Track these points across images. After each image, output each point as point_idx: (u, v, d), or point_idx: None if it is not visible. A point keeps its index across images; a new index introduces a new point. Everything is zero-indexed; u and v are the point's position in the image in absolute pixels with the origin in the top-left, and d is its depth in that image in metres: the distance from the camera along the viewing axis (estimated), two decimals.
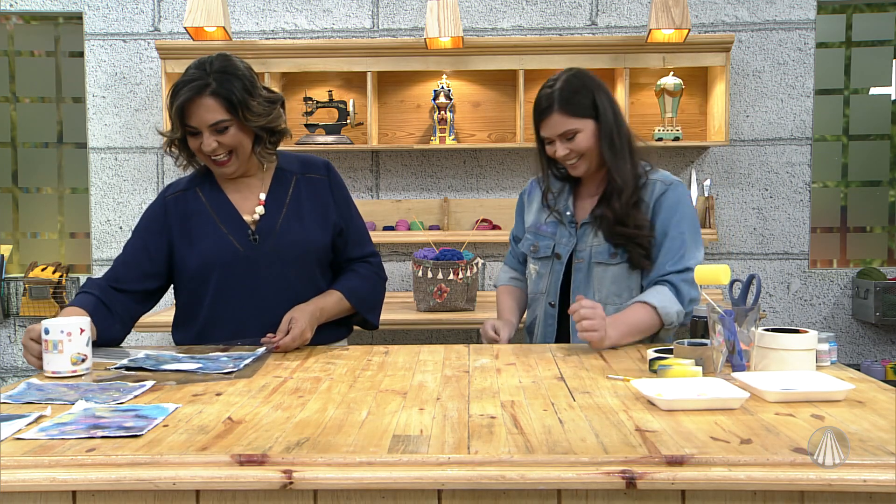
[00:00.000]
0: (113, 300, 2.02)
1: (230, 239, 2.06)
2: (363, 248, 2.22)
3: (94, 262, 4.05)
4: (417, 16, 3.97)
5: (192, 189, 2.13)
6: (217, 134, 1.98)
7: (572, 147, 2.14)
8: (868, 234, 4.18)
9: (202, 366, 1.74)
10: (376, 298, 2.23)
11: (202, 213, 2.09)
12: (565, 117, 2.13)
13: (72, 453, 1.16)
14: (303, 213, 2.11)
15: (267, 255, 2.06)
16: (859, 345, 4.02)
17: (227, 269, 2.05)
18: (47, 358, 1.67)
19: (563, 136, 2.14)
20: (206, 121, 1.96)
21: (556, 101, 2.14)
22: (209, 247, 2.05)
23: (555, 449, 1.16)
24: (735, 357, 1.63)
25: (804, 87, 3.94)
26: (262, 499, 1.14)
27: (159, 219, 2.11)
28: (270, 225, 2.08)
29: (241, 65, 2.03)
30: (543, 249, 2.27)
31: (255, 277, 2.06)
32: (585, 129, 2.14)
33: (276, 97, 2.08)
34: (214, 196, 2.11)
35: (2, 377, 4.08)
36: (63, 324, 1.65)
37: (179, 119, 1.97)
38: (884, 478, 1.09)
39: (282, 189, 2.12)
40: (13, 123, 4.20)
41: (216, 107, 1.96)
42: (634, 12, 3.95)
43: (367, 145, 3.79)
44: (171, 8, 3.99)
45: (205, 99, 1.95)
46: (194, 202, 2.11)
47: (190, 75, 1.97)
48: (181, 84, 1.96)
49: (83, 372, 1.69)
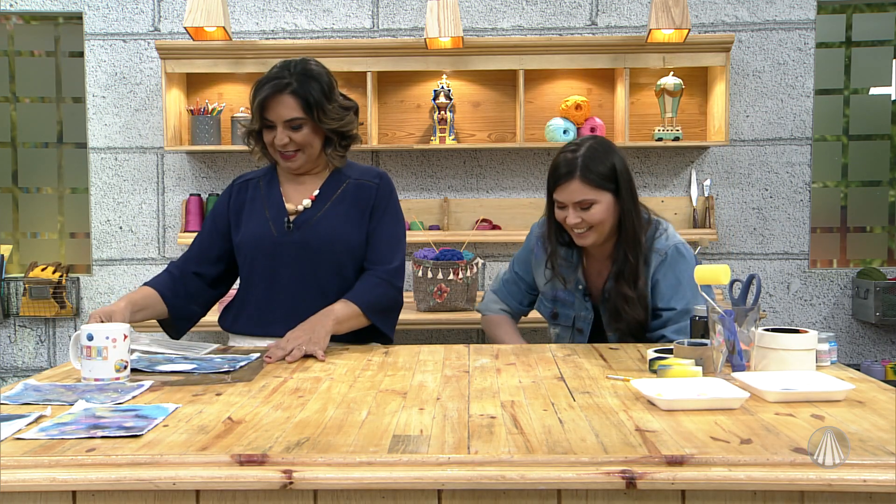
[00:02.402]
0: (188, 281, 2.20)
1: (269, 225, 2.16)
2: (380, 258, 2.17)
3: (94, 262, 4.05)
4: (417, 16, 3.97)
5: (256, 179, 2.27)
6: (291, 130, 2.10)
7: (585, 217, 2.09)
8: (868, 234, 4.18)
9: (197, 366, 1.75)
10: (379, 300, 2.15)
11: (256, 200, 2.22)
12: (585, 186, 2.07)
13: (72, 453, 1.16)
14: (343, 212, 2.19)
15: (296, 244, 2.14)
16: (859, 345, 4.02)
17: (263, 252, 2.15)
18: (90, 364, 1.64)
19: (579, 204, 2.08)
20: (283, 116, 2.08)
21: (578, 169, 2.07)
22: (251, 230, 2.17)
23: (555, 449, 1.16)
24: (735, 357, 1.63)
25: (804, 87, 3.93)
26: (262, 499, 1.14)
27: (224, 203, 2.26)
28: (309, 217, 2.17)
29: (321, 70, 2.15)
30: (564, 318, 2.27)
31: (282, 264, 2.14)
32: (603, 200, 2.09)
33: (351, 104, 2.20)
34: (272, 187, 2.23)
35: (2, 377, 4.08)
36: (108, 330, 1.64)
37: (259, 112, 2.10)
38: (884, 478, 1.09)
39: (333, 189, 2.22)
40: (13, 123, 4.20)
41: (294, 105, 2.08)
42: (634, 12, 3.95)
43: (367, 145, 3.79)
44: (171, 8, 3.99)
45: (284, 96, 2.07)
46: (254, 190, 2.24)
47: (273, 73, 2.11)
48: (265, 80, 2.10)
49: (125, 378, 1.67)
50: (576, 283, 2.21)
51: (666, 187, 3.99)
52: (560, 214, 2.13)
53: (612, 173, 2.09)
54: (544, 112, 3.94)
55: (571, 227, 2.11)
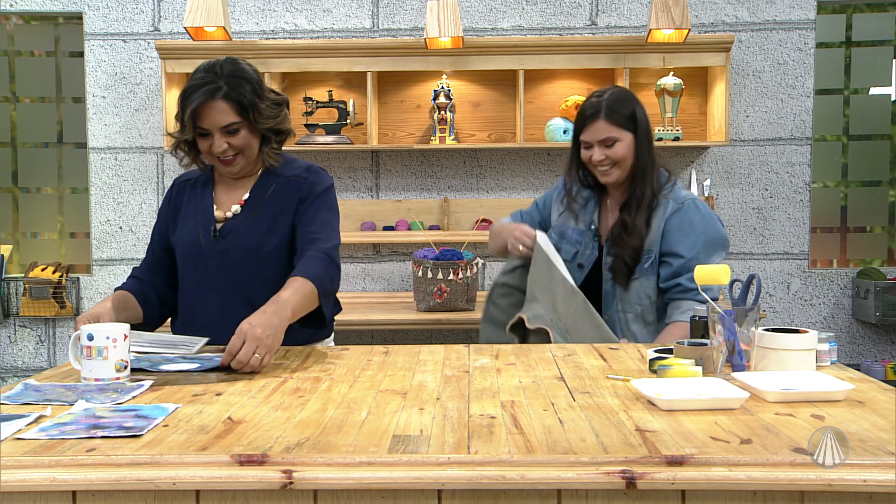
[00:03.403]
0: (154, 285, 2.16)
1: (198, 232, 2.12)
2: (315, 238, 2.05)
3: (94, 262, 4.06)
4: (417, 16, 3.97)
5: (193, 180, 2.22)
6: (228, 136, 2.02)
7: (609, 153, 2.29)
8: (868, 234, 4.18)
9: (200, 365, 1.75)
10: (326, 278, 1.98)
11: (190, 203, 2.18)
12: (610, 125, 2.28)
13: (72, 453, 1.16)
14: (270, 217, 2.10)
15: (220, 253, 2.09)
16: (859, 345, 4.02)
17: (191, 261, 2.12)
18: (90, 364, 1.63)
19: (603, 142, 2.29)
20: (218, 123, 2.00)
21: (602, 109, 2.29)
22: (182, 236, 2.14)
23: (555, 449, 1.16)
24: (735, 357, 1.63)
25: (804, 87, 3.93)
26: (262, 499, 1.14)
27: (165, 205, 2.23)
28: (235, 225, 2.10)
29: (249, 68, 2.08)
30: (565, 252, 2.38)
31: (209, 272, 2.10)
32: (625, 139, 2.29)
33: (282, 99, 2.12)
34: (206, 191, 2.18)
35: (2, 377, 4.08)
36: (108, 330, 1.64)
37: (192, 121, 2.01)
38: (884, 478, 1.09)
39: (263, 191, 2.13)
40: (13, 123, 4.20)
41: (228, 110, 2.00)
42: (634, 12, 3.95)
43: (367, 145, 3.79)
44: (171, 8, 3.99)
45: (217, 102, 1.99)
46: (190, 193, 2.20)
47: (200, 79, 2.00)
48: (192, 88, 1.99)
49: (125, 378, 1.67)
50: (589, 222, 2.38)
51: None
52: (586, 154, 2.33)
53: (633, 116, 2.30)
54: (544, 112, 3.94)
55: (596, 164, 2.31)
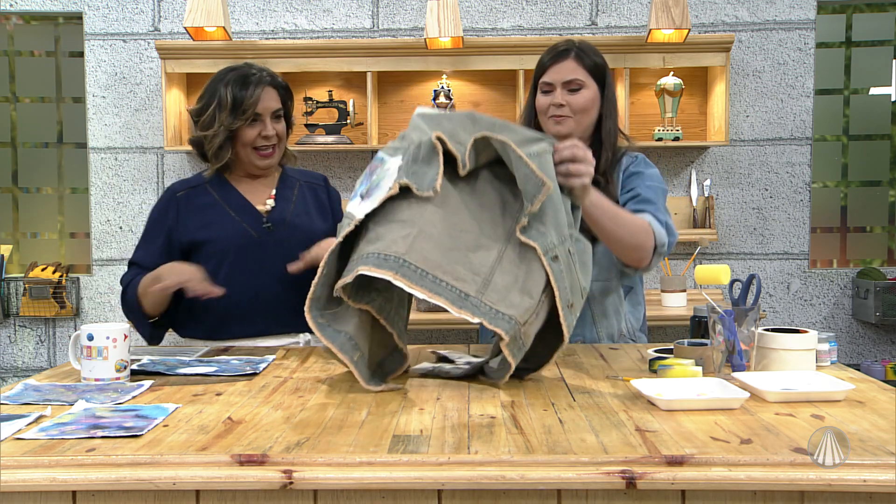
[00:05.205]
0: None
1: (244, 226, 2.16)
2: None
3: (94, 262, 4.05)
4: (417, 16, 3.97)
5: (201, 185, 2.24)
6: (275, 121, 2.17)
7: (571, 100, 2.07)
8: (868, 234, 4.18)
9: (218, 369, 1.75)
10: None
11: (215, 205, 2.19)
12: (579, 66, 2.08)
13: (72, 453, 1.16)
14: (308, 210, 2.24)
15: (280, 243, 2.15)
16: (859, 345, 4.02)
17: (242, 253, 2.14)
18: (90, 364, 1.64)
19: (568, 84, 2.08)
20: (270, 108, 2.15)
21: (574, 50, 2.10)
22: (225, 234, 2.15)
23: (555, 449, 1.16)
24: (735, 357, 1.63)
25: (804, 87, 3.93)
26: (262, 499, 1.14)
27: (171, 214, 2.19)
28: (281, 216, 2.20)
29: None
30: None
31: (266, 263, 2.14)
32: (590, 89, 2.09)
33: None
34: (225, 192, 2.22)
35: (2, 377, 4.08)
36: (108, 330, 1.64)
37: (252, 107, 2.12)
38: (884, 478, 1.09)
39: (288, 190, 2.26)
40: (13, 123, 4.20)
41: (276, 96, 2.17)
42: (634, 12, 3.95)
43: (367, 145, 3.79)
44: (171, 8, 3.99)
45: (269, 88, 2.16)
46: (205, 196, 2.21)
47: (244, 71, 2.16)
48: (244, 77, 2.14)
49: (125, 378, 1.67)
50: None
51: None
52: (544, 100, 2.10)
53: (602, 68, 2.11)
54: None
55: (554, 108, 2.07)
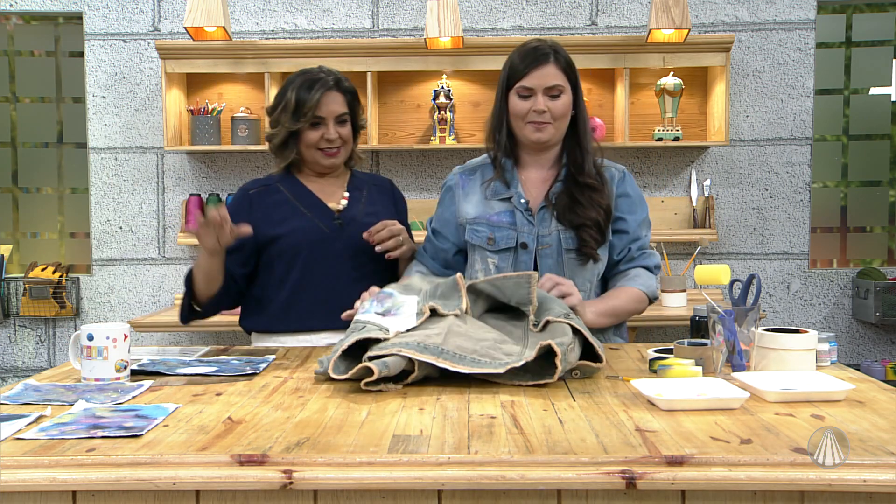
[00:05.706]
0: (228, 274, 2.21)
1: (316, 222, 2.22)
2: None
3: (94, 262, 4.05)
4: (417, 16, 3.97)
5: (273, 184, 2.29)
6: (339, 125, 2.21)
7: (552, 106, 2.02)
8: (868, 234, 4.18)
9: (219, 368, 1.75)
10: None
11: (287, 203, 2.25)
12: (559, 71, 2.03)
13: (72, 453, 1.16)
14: (377, 210, 2.30)
15: (351, 239, 2.19)
16: (859, 345, 4.02)
17: (316, 247, 2.19)
18: (90, 364, 1.64)
19: (549, 90, 2.03)
20: (334, 112, 2.20)
21: (552, 54, 2.04)
22: (298, 229, 2.21)
23: (555, 449, 1.16)
24: (735, 357, 1.63)
25: (804, 87, 3.93)
26: (262, 499, 1.14)
27: (244, 210, 2.24)
28: (353, 214, 2.26)
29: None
30: (503, 241, 2.08)
31: (337, 260, 2.19)
32: (568, 92, 2.05)
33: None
34: (297, 190, 2.27)
35: (2, 377, 4.08)
36: (108, 330, 1.64)
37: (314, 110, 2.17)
38: (884, 478, 1.09)
39: (359, 189, 2.33)
40: (13, 123, 4.20)
41: (341, 101, 2.22)
42: (634, 12, 3.95)
43: (367, 145, 3.79)
44: (171, 8, 3.99)
45: (333, 93, 2.20)
46: (277, 195, 2.27)
47: (312, 74, 2.21)
48: (310, 81, 2.18)
49: (125, 378, 1.67)
50: (517, 196, 2.09)
51: (666, 187, 3.99)
52: (522, 105, 2.05)
53: (574, 68, 2.09)
54: None
55: (535, 114, 2.03)
